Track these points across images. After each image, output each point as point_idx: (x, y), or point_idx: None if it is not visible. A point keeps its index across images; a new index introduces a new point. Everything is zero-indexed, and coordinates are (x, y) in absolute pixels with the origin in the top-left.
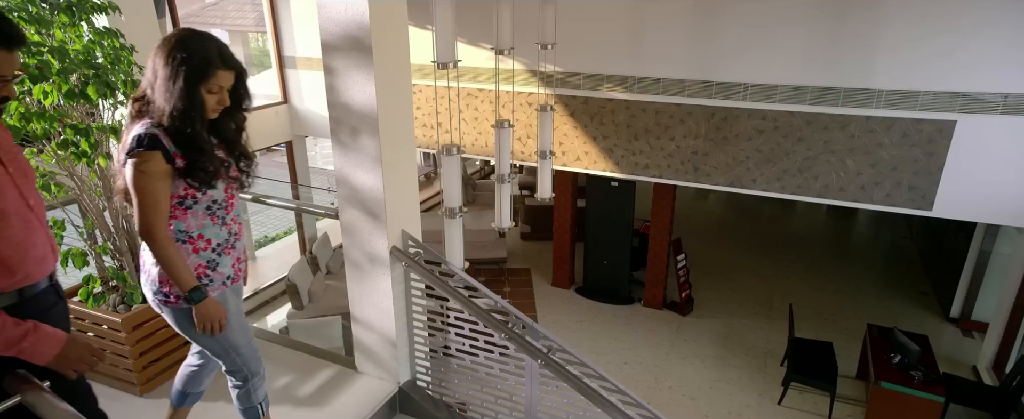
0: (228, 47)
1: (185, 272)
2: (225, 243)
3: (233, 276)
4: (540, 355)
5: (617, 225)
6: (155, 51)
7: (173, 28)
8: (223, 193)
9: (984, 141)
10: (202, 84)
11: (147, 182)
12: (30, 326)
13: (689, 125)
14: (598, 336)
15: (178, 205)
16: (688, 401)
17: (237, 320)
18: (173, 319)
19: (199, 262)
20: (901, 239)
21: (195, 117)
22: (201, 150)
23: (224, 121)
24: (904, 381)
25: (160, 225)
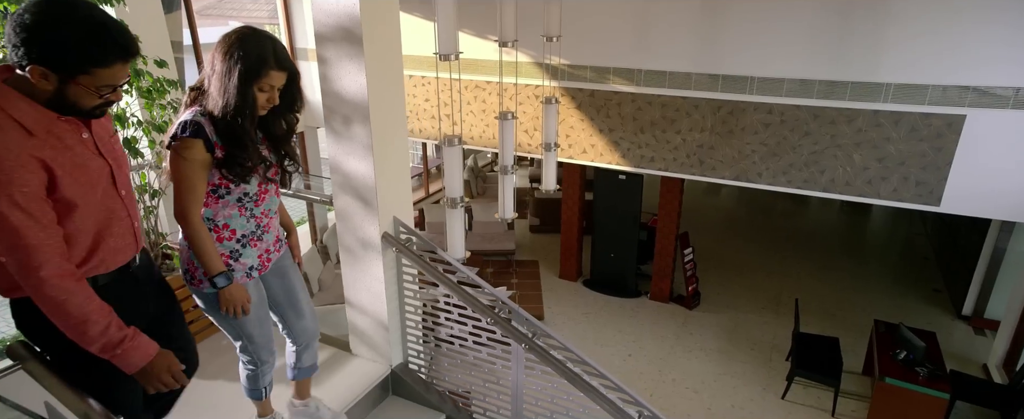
0: (285, 48)
1: (213, 256)
2: (251, 235)
3: (258, 267)
4: (524, 339)
5: (624, 218)
6: (216, 45)
7: (188, 20)
8: (256, 187)
9: (994, 136)
10: (255, 82)
11: (185, 168)
12: (130, 333)
13: (695, 118)
14: (604, 328)
15: (211, 193)
16: (691, 394)
17: (256, 312)
18: (200, 300)
19: (222, 251)
20: (916, 236)
21: (244, 113)
22: (242, 145)
23: (274, 120)
24: (909, 377)
25: (194, 209)
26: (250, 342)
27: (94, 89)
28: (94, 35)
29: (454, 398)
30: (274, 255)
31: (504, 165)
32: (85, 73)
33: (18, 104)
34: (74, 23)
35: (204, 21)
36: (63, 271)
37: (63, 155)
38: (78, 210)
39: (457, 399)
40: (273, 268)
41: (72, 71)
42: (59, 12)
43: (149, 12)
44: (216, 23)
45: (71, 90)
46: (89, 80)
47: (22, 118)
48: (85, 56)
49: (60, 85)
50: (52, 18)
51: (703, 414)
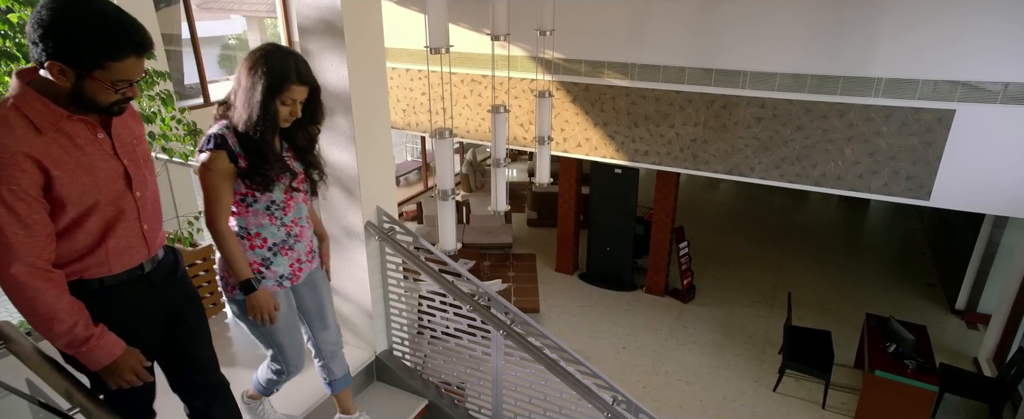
0: (307, 64)
1: (241, 263)
2: (282, 244)
3: (289, 276)
4: (503, 326)
5: (620, 212)
6: (242, 62)
7: (186, 14)
8: (282, 196)
9: (983, 130)
10: (277, 96)
11: (211, 178)
12: (97, 332)
13: (689, 112)
14: (599, 321)
15: (240, 202)
16: (684, 386)
17: (285, 322)
18: (232, 307)
19: (254, 259)
20: (913, 231)
21: (266, 126)
22: (264, 156)
23: (298, 131)
24: (898, 370)
25: (221, 218)
26: (280, 351)
27: (110, 84)
28: (107, 29)
29: (437, 384)
30: (306, 266)
31: (497, 158)
32: (100, 68)
33: (32, 102)
34: (87, 18)
35: (205, 15)
36: (34, 268)
37: (69, 154)
38: (75, 209)
39: (440, 386)
40: (306, 280)
41: (87, 65)
42: (73, 8)
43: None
44: (217, 16)
45: (88, 85)
46: (104, 75)
47: (33, 115)
48: (99, 50)
49: (77, 81)
50: (67, 14)
51: (695, 406)
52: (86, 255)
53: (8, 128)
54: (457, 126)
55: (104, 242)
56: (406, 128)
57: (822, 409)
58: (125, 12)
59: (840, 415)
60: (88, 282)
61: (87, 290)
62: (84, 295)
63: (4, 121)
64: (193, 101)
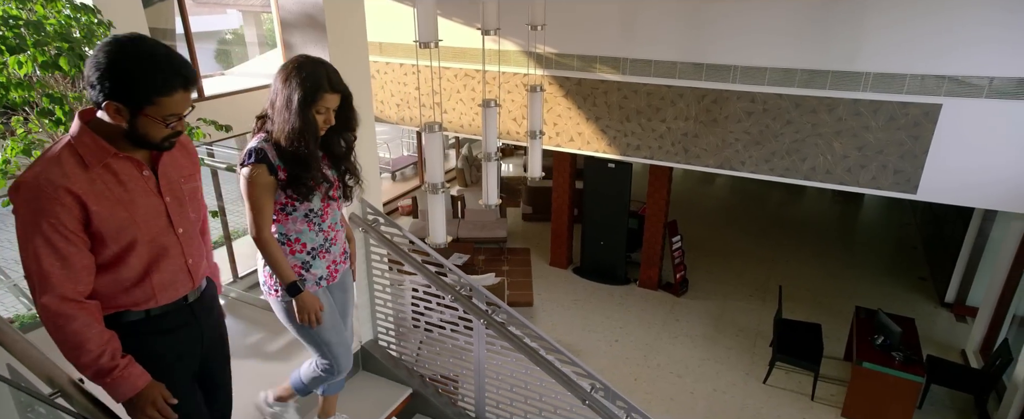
0: (337, 72)
1: (285, 268)
2: (320, 248)
3: (327, 277)
4: (483, 316)
5: (614, 206)
6: (276, 75)
7: (179, 8)
8: (320, 204)
9: (969, 124)
10: (312, 106)
11: (252, 190)
12: (122, 363)
13: (680, 107)
14: (592, 314)
15: (280, 210)
16: (675, 378)
17: (330, 319)
18: (277, 309)
19: (294, 263)
20: (905, 225)
21: (307, 136)
22: (306, 166)
23: (334, 139)
24: (885, 361)
25: (264, 227)
26: (328, 349)
27: (161, 119)
28: (156, 67)
29: (422, 374)
30: (341, 266)
31: (488, 152)
32: (151, 104)
33: (84, 139)
34: (138, 57)
35: (201, 9)
36: (65, 299)
37: (111, 190)
38: (115, 244)
39: (425, 375)
40: (338, 280)
41: (140, 102)
42: (126, 49)
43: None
44: (213, 11)
45: (141, 122)
46: (155, 110)
47: (83, 152)
48: (150, 86)
49: (132, 118)
50: (120, 55)
51: (686, 398)
52: (132, 288)
53: (57, 165)
54: (450, 121)
55: (149, 276)
56: (400, 123)
57: (811, 400)
58: (172, 49)
59: (829, 407)
60: (135, 313)
61: (133, 321)
62: (130, 326)
63: (56, 158)
64: None
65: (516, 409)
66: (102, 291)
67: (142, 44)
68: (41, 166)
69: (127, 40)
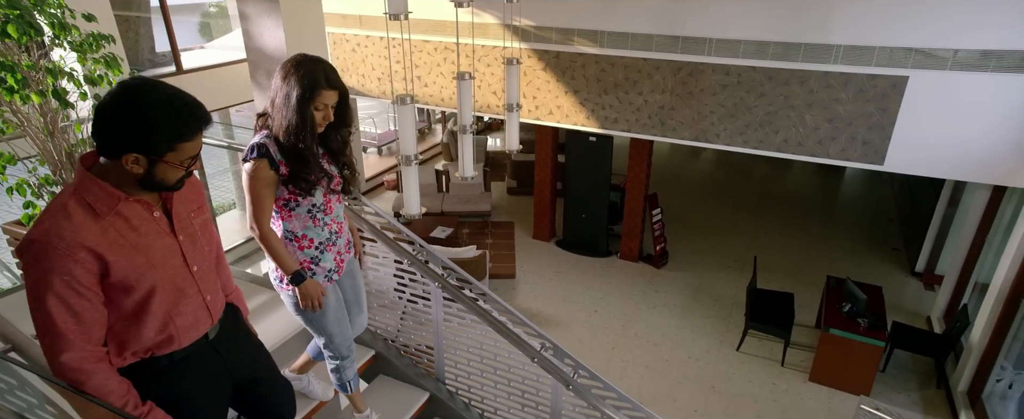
0: (334, 70)
1: (286, 259)
2: (326, 242)
3: (335, 269)
4: (439, 279)
5: (595, 179)
6: (276, 73)
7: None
8: (322, 198)
9: (934, 96)
10: (310, 103)
11: (253, 185)
12: (144, 410)
13: (656, 80)
14: (573, 286)
15: (284, 207)
16: (651, 346)
17: (335, 312)
18: (286, 301)
19: (304, 258)
20: (883, 198)
21: (305, 132)
22: (305, 162)
23: (331, 135)
24: (850, 327)
25: (263, 220)
26: (331, 340)
27: (179, 163)
28: (176, 114)
29: (384, 337)
30: (346, 257)
31: (463, 124)
32: (172, 151)
33: (91, 187)
34: (157, 107)
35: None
36: (83, 356)
37: (124, 237)
38: (137, 291)
39: (386, 338)
40: (346, 270)
41: (162, 151)
42: (142, 99)
43: None
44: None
45: (160, 169)
46: (175, 156)
47: (92, 201)
48: (173, 135)
49: (149, 167)
50: (137, 106)
51: (660, 365)
52: (155, 334)
53: (66, 217)
54: (431, 95)
55: (171, 320)
56: (381, 96)
57: (781, 366)
58: (183, 91)
59: (798, 371)
60: (159, 359)
61: (158, 367)
62: (156, 371)
63: (63, 210)
64: (165, 69)
65: (473, 369)
66: (127, 339)
67: (155, 90)
68: (49, 221)
69: (139, 88)
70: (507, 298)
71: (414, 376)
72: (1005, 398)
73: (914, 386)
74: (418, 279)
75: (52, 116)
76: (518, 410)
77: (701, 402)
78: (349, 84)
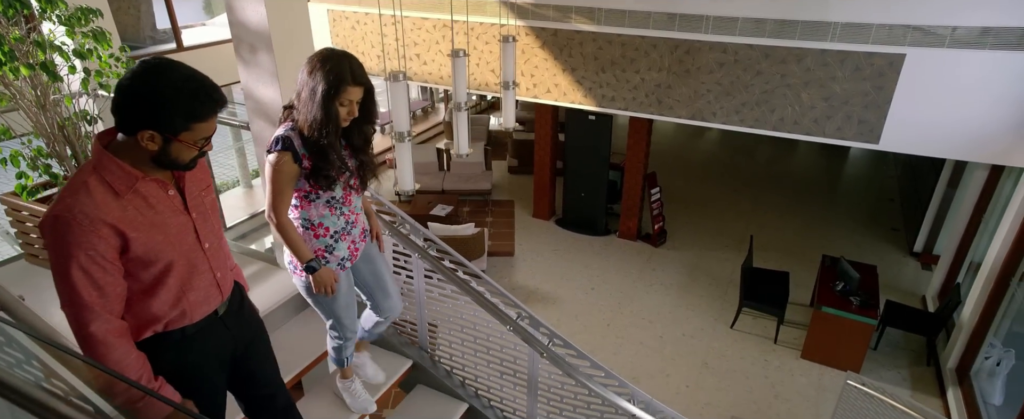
0: (361, 66)
1: (301, 247)
2: (341, 231)
3: (348, 258)
4: (419, 250)
5: (594, 158)
6: (302, 68)
7: None
8: (341, 192)
9: (931, 75)
10: (336, 98)
11: (275, 176)
12: (156, 386)
13: (653, 58)
14: (571, 264)
15: (304, 198)
16: (646, 323)
17: (344, 297)
18: (299, 285)
19: (319, 246)
20: (887, 178)
21: (329, 128)
22: (327, 158)
23: (354, 131)
24: (843, 306)
25: (281, 210)
26: (338, 322)
27: (193, 143)
28: (193, 94)
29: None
30: (360, 245)
31: (458, 102)
32: (187, 130)
33: (110, 166)
34: (175, 86)
35: None
36: (108, 328)
37: (143, 215)
38: (156, 265)
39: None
40: (362, 255)
41: (177, 129)
42: (160, 77)
43: None
44: None
45: (174, 147)
46: (190, 136)
47: (112, 180)
48: (188, 114)
49: (164, 144)
50: (156, 84)
51: (655, 342)
52: (169, 309)
53: (88, 195)
54: (430, 73)
55: (185, 296)
56: (381, 74)
57: (774, 344)
58: (200, 73)
59: (790, 349)
60: (171, 334)
61: (170, 341)
62: (167, 345)
63: (85, 188)
64: (166, 46)
65: (454, 338)
66: (142, 314)
67: (174, 70)
68: (72, 198)
69: (158, 67)
70: (505, 275)
71: (398, 345)
72: (992, 375)
73: (905, 363)
74: (401, 251)
75: (42, 89)
76: (497, 378)
77: (693, 378)
78: None
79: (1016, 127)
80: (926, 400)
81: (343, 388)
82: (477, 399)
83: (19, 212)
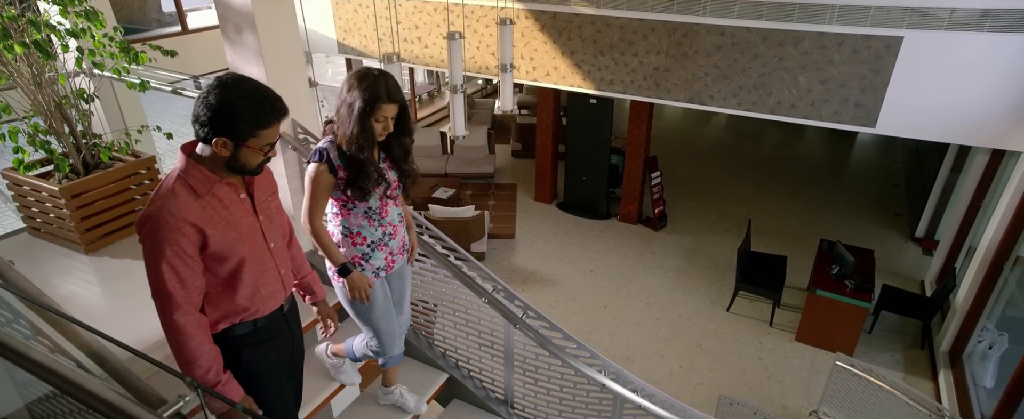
0: (397, 84)
1: (334, 251)
2: (379, 241)
3: (384, 268)
4: None
5: (595, 142)
6: (343, 84)
7: None
8: (378, 203)
9: (928, 57)
10: (371, 115)
11: (312, 185)
12: (224, 379)
13: (652, 41)
14: (571, 246)
15: (343, 207)
16: (643, 305)
17: (383, 308)
18: (340, 295)
19: (355, 254)
20: (892, 164)
21: (365, 143)
22: (363, 170)
23: (393, 143)
24: (837, 289)
25: (315, 217)
26: (379, 334)
27: (259, 149)
28: (258, 104)
29: None
30: (398, 258)
31: (454, 84)
32: (253, 136)
33: (192, 171)
34: (243, 96)
35: None
36: (190, 318)
37: (219, 214)
38: (230, 261)
39: None
40: (396, 271)
41: (244, 136)
42: (232, 90)
43: None
44: None
45: (243, 153)
46: (256, 141)
47: (194, 183)
48: (254, 121)
49: (235, 150)
50: (226, 97)
51: (651, 324)
52: (243, 302)
53: (174, 197)
54: (431, 55)
55: (258, 290)
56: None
57: (769, 326)
58: (265, 85)
59: (785, 331)
60: (244, 326)
61: (242, 333)
62: (239, 338)
63: (171, 191)
64: (171, 29)
65: (433, 309)
66: (223, 305)
67: (243, 84)
68: (161, 200)
69: (231, 81)
70: (505, 258)
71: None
72: (985, 358)
73: (899, 347)
74: None
75: (38, 67)
76: (476, 349)
77: (686, 359)
78: (351, 45)
79: (1013, 111)
80: (918, 382)
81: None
82: (457, 370)
83: (20, 186)
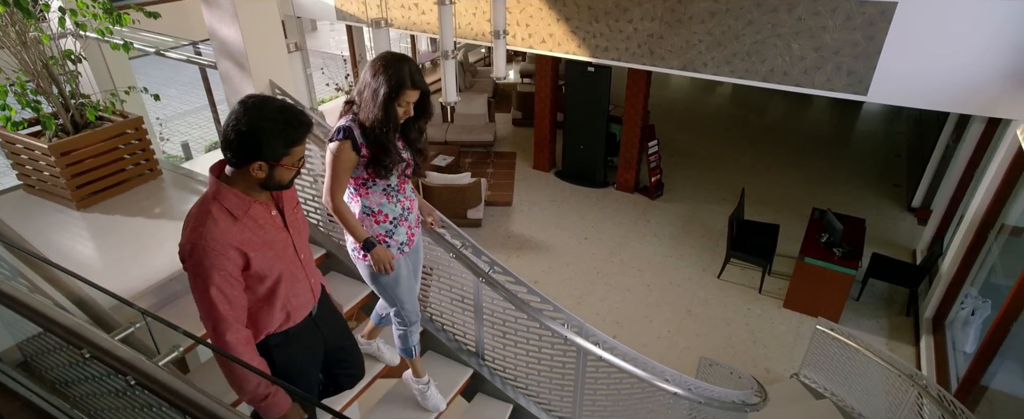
0: (420, 70)
1: (357, 228)
2: (399, 217)
3: (406, 242)
4: None
5: (593, 110)
6: (366, 67)
7: None
8: (396, 180)
9: (921, 23)
10: (395, 100)
11: (335, 163)
12: (272, 391)
13: (646, 7)
14: (567, 214)
15: (362, 185)
16: (635, 272)
17: (406, 283)
18: (363, 270)
19: (380, 232)
20: (896, 134)
21: (388, 126)
22: (386, 151)
23: (411, 125)
24: (825, 257)
25: (337, 195)
26: (401, 307)
27: (291, 165)
28: (287, 123)
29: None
30: (416, 231)
31: (445, 50)
32: (287, 154)
33: (227, 196)
34: (271, 118)
35: None
36: (240, 338)
37: (256, 234)
38: (268, 279)
39: (339, 240)
40: (415, 246)
41: (278, 156)
42: (257, 114)
43: None
44: None
45: (277, 172)
46: (289, 159)
47: (232, 207)
48: (285, 140)
49: (270, 170)
50: (256, 121)
51: (642, 290)
52: (277, 314)
53: (214, 222)
54: (429, 22)
55: (289, 302)
56: (390, 27)
57: (759, 293)
58: (289, 103)
59: (773, 298)
60: (278, 335)
61: (276, 343)
62: (274, 346)
63: (210, 217)
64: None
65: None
66: (261, 320)
67: (268, 104)
68: (202, 227)
69: (256, 105)
70: (501, 225)
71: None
72: (967, 324)
73: (884, 314)
74: None
75: (21, 27)
76: (448, 303)
77: (674, 324)
78: (349, 12)
79: (1003, 78)
80: (900, 348)
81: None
82: (431, 323)
83: (13, 144)
